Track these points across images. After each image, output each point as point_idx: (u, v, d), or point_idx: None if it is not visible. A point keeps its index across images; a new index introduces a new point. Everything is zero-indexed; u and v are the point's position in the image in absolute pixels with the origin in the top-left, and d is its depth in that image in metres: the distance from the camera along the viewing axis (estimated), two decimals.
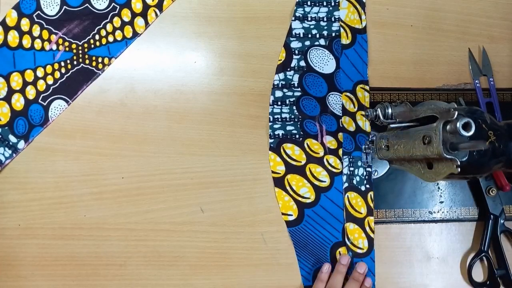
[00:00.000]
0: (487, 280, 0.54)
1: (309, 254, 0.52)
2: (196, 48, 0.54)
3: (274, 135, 0.53)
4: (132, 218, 0.52)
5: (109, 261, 0.52)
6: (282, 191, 0.53)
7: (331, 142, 0.53)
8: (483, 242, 0.53)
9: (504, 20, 0.58)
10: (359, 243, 0.52)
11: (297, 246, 0.52)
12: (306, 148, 0.53)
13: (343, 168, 0.53)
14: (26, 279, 0.51)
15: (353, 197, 0.52)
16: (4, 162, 0.52)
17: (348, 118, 0.53)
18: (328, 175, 0.53)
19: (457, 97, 0.55)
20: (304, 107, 0.53)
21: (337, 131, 0.54)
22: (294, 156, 0.53)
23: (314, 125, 0.53)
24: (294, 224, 0.52)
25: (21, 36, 0.53)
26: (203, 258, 0.52)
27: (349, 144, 0.53)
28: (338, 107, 0.54)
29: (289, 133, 0.53)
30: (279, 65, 0.54)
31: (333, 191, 0.53)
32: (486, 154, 0.37)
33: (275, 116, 0.53)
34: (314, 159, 0.53)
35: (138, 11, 0.54)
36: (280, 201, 0.53)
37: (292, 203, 0.52)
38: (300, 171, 0.53)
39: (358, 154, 0.53)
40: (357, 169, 0.53)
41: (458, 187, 0.55)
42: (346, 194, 0.53)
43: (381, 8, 0.57)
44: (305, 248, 0.52)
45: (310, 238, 0.52)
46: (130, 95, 0.54)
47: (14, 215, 0.52)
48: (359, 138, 0.53)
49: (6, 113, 0.52)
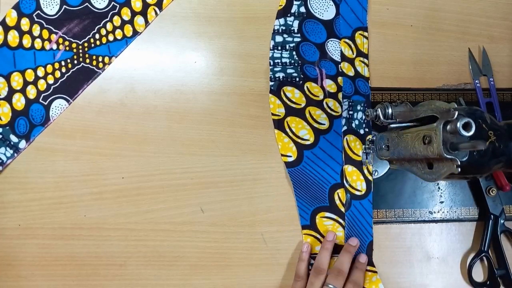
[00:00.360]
0: (487, 280, 0.54)
1: (308, 194, 0.52)
2: (196, 48, 0.54)
3: (275, 78, 0.54)
4: (132, 218, 0.52)
5: (109, 261, 0.52)
6: (282, 133, 0.53)
7: (331, 86, 0.54)
8: (483, 242, 0.53)
9: (504, 20, 0.58)
10: (357, 185, 0.53)
11: (296, 186, 0.53)
12: (306, 91, 0.53)
13: (342, 111, 0.53)
14: (26, 279, 0.51)
15: (352, 140, 0.53)
16: (6, 162, 0.52)
17: (347, 63, 0.54)
18: (327, 118, 0.53)
19: (457, 97, 0.55)
20: (304, 52, 0.53)
21: (337, 75, 0.54)
22: (294, 99, 0.53)
23: (314, 69, 0.53)
24: (293, 165, 0.53)
25: (21, 36, 0.53)
26: (203, 258, 0.52)
27: (348, 88, 0.53)
28: (337, 53, 0.54)
29: (289, 76, 0.54)
30: (280, 11, 0.55)
31: (332, 133, 0.53)
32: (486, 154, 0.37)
33: (275, 60, 0.54)
34: (314, 102, 0.54)
35: (138, 10, 0.54)
36: (279, 142, 0.53)
37: (292, 144, 0.53)
38: (300, 114, 0.53)
39: (357, 98, 0.53)
40: (356, 112, 0.53)
41: (458, 187, 0.55)
42: (345, 137, 0.53)
43: (381, 8, 0.57)
44: (304, 188, 0.52)
45: (309, 178, 0.52)
46: (130, 95, 0.54)
47: (14, 215, 0.52)
48: (359, 83, 0.54)
49: (7, 113, 0.52)
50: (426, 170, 0.41)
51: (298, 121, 0.53)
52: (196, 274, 0.52)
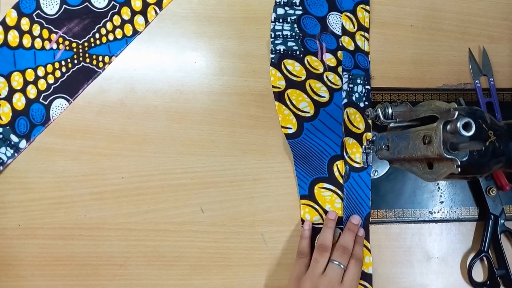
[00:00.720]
0: (487, 280, 0.54)
1: (307, 165, 0.53)
2: (196, 48, 0.54)
3: (275, 50, 0.54)
4: (132, 218, 0.52)
5: (109, 261, 0.52)
6: (282, 105, 0.53)
7: (331, 60, 0.54)
8: (483, 242, 0.53)
9: (504, 20, 0.58)
10: (356, 158, 0.53)
11: (296, 157, 0.53)
12: (306, 65, 0.54)
13: (342, 84, 0.54)
14: (26, 279, 0.51)
15: (352, 112, 0.53)
16: (6, 162, 0.52)
17: (347, 37, 0.54)
18: (327, 90, 0.54)
19: (457, 97, 0.55)
20: (305, 25, 0.54)
21: (337, 49, 0.54)
22: (294, 72, 0.54)
23: (315, 42, 0.54)
24: (293, 137, 0.53)
25: (21, 35, 0.53)
26: (203, 258, 0.52)
27: (348, 62, 0.54)
28: (338, 27, 0.54)
29: (290, 49, 0.54)
30: None
31: (332, 106, 0.54)
32: (486, 154, 0.37)
33: (277, 33, 0.54)
34: (314, 75, 0.54)
35: (138, 9, 0.54)
36: (279, 114, 0.53)
37: (292, 117, 0.53)
38: (300, 86, 0.54)
39: (357, 72, 0.54)
40: (356, 86, 0.54)
41: (458, 187, 0.55)
42: (345, 109, 0.53)
43: (381, 8, 0.57)
44: (303, 159, 0.53)
45: (309, 150, 0.53)
46: (130, 95, 0.54)
47: (14, 215, 0.52)
48: (358, 57, 0.54)
49: (7, 112, 0.52)
50: (426, 170, 0.41)
51: (299, 93, 0.53)
52: (196, 274, 0.52)
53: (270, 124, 0.54)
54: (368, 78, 0.54)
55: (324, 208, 0.53)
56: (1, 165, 0.52)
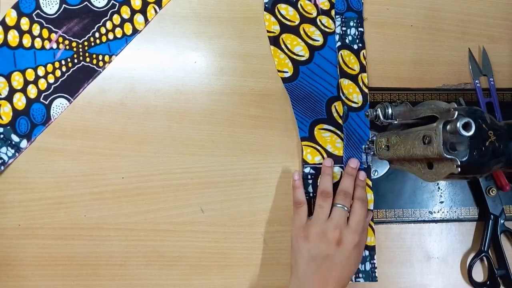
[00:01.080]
0: (487, 280, 0.54)
1: (306, 108, 0.53)
2: (196, 48, 0.54)
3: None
4: (132, 218, 0.52)
5: (109, 261, 0.52)
6: (278, 49, 0.54)
7: (324, 3, 0.55)
8: (483, 242, 0.53)
9: (504, 20, 0.58)
10: (353, 98, 0.53)
11: (293, 101, 0.53)
12: (300, 9, 0.55)
13: (335, 27, 0.54)
14: (26, 279, 0.51)
15: (346, 54, 0.54)
16: (7, 162, 0.52)
17: None
18: (321, 34, 0.55)
19: (457, 97, 0.55)
20: None
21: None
22: (288, 17, 0.54)
23: None
24: (290, 80, 0.54)
25: (21, 35, 0.53)
26: (203, 258, 0.52)
27: (341, 5, 0.54)
28: None
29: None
30: None
31: (326, 49, 0.54)
32: (486, 154, 0.37)
33: None
34: (308, 19, 0.55)
35: (138, 8, 0.54)
36: (275, 58, 0.54)
37: (287, 60, 0.54)
38: (294, 31, 0.54)
39: (350, 15, 0.55)
40: (349, 29, 0.54)
41: (458, 187, 0.55)
42: (340, 52, 0.54)
43: (381, 8, 0.57)
44: (301, 102, 0.53)
45: (306, 92, 0.53)
46: (130, 95, 0.54)
47: (14, 215, 0.52)
48: (351, 0, 0.55)
49: (8, 112, 0.52)
50: (426, 170, 0.41)
51: (293, 38, 0.54)
52: (196, 274, 0.52)
53: (270, 124, 0.54)
54: (361, 20, 0.55)
55: (325, 148, 0.53)
56: (2, 165, 0.52)
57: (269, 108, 0.54)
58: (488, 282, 0.54)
